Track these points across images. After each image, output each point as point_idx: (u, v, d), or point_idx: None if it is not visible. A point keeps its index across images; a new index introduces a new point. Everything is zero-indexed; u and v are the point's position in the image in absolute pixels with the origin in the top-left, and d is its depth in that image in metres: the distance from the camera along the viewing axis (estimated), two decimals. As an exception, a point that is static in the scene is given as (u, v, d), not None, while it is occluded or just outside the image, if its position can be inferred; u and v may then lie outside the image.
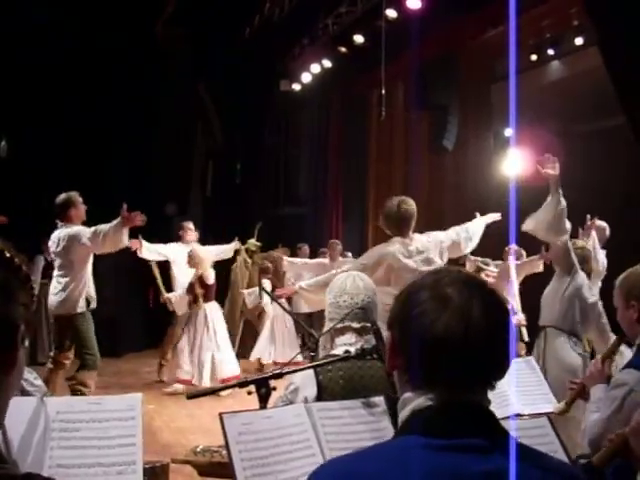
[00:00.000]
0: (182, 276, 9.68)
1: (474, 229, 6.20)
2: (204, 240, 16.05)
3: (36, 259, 11.43)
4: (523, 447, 1.31)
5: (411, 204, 5.70)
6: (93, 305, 6.96)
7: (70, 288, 6.76)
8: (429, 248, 5.58)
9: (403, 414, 1.35)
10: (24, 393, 2.93)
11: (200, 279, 8.99)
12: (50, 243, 7.02)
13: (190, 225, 10.41)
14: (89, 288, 6.97)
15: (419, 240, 5.62)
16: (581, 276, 5.37)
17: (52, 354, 7.01)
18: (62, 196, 7.11)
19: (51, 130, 12.05)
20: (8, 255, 1.07)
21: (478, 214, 6.48)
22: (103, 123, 12.59)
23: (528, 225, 5.38)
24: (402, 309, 1.40)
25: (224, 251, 10.44)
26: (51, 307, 6.90)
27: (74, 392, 6.38)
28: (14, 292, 1.06)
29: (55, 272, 7.01)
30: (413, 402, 1.33)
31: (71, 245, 6.76)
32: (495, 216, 6.38)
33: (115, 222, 6.69)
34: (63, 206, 7.03)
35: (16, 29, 11.31)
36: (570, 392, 3.31)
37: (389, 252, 5.44)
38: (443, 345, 1.29)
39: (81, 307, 6.78)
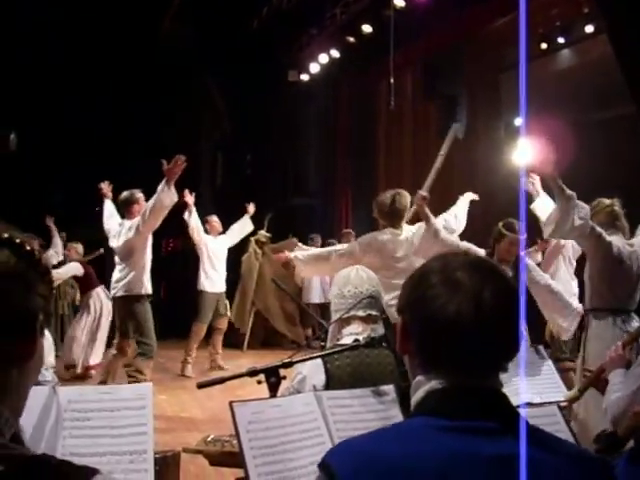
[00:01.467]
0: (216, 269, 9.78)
1: (458, 210, 6.83)
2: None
3: (47, 253, 11.50)
4: (536, 431, 1.31)
5: (405, 197, 5.94)
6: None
7: (133, 272, 7.12)
8: (416, 237, 5.80)
9: (416, 397, 1.37)
10: (36, 384, 2.97)
11: None
12: (111, 236, 7.44)
13: (214, 218, 10.38)
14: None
15: (409, 230, 5.80)
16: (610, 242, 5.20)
17: (116, 341, 7.47)
18: (126, 193, 7.56)
19: (60, 124, 12.08)
20: (28, 248, 1.09)
21: (460, 197, 6.76)
22: (111, 118, 12.62)
23: (554, 234, 5.35)
24: (412, 293, 1.40)
25: (240, 228, 10.47)
26: (116, 294, 7.21)
27: (130, 378, 6.73)
28: (33, 284, 1.08)
29: (117, 263, 7.32)
30: (426, 385, 1.34)
31: (132, 238, 7.10)
32: (473, 196, 7.08)
33: (159, 187, 7.02)
34: (127, 202, 7.45)
35: (25, 25, 11.33)
36: (584, 379, 3.27)
37: (380, 240, 5.90)
38: (454, 328, 1.30)
39: (145, 289, 7.21)
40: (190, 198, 9.43)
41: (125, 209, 7.48)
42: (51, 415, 2.03)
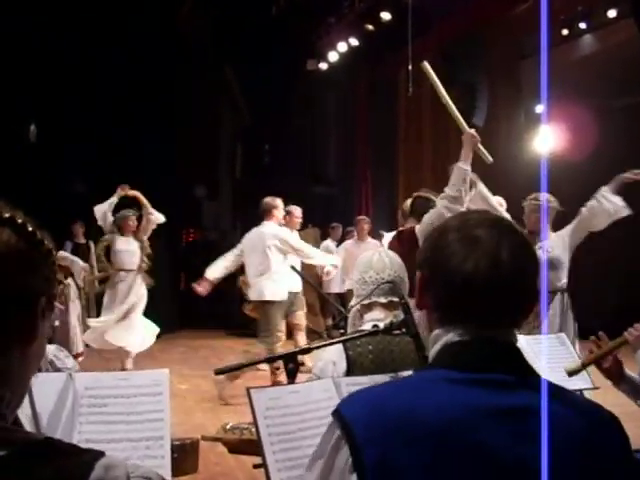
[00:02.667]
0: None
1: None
2: (233, 223, 16.17)
3: (65, 245, 11.57)
4: (552, 385, 1.32)
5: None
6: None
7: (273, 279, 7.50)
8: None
9: (433, 350, 1.38)
10: (56, 370, 2.98)
11: None
12: (256, 238, 7.82)
13: (298, 211, 9.24)
14: None
15: None
16: None
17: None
18: (268, 199, 7.96)
19: (80, 115, 12.12)
20: (30, 229, 1.07)
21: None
22: (131, 108, 12.64)
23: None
24: (431, 249, 1.42)
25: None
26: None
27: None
28: (35, 264, 1.06)
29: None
30: (443, 338, 1.35)
31: (280, 243, 7.54)
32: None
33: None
34: (268, 207, 7.83)
35: (43, 15, 11.36)
36: (590, 354, 3.07)
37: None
38: (471, 283, 1.31)
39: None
40: None
41: (266, 214, 7.81)
42: (67, 402, 2.02)
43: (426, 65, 5.74)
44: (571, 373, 3.06)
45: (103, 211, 8.79)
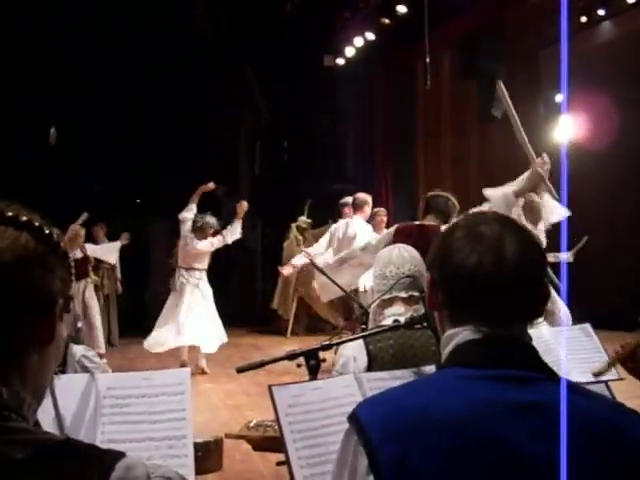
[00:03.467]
0: None
1: None
2: (253, 221, 16.20)
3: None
4: (568, 381, 1.31)
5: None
6: None
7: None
8: None
9: (447, 349, 1.38)
10: (86, 370, 3.01)
11: None
12: (345, 229, 8.16)
13: (384, 212, 9.77)
14: None
15: None
16: None
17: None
18: (362, 194, 8.58)
19: (100, 117, 12.20)
20: (47, 231, 1.10)
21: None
22: (151, 109, 12.71)
23: None
24: (438, 249, 1.43)
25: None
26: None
27: None
28: (52, 266, 1.09)
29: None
30: (455, 338, 1.36)
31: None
32: None
33: None
34: (362, 202, 8.45)
35: (65, 19, 11.44)
36: (616, 353, 3.00)
37: None
38: (475, 278, 1.32)
39: None
40: None
41: (357, 208, 8.46)
42: (90, 402, 2.03)
43: (501, 85, 5.73)
44: (598, 374, 3.00)
45: (190, 218, 9.06)
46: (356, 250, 6.01)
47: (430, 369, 2.31)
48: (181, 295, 8.88)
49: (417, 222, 5.69)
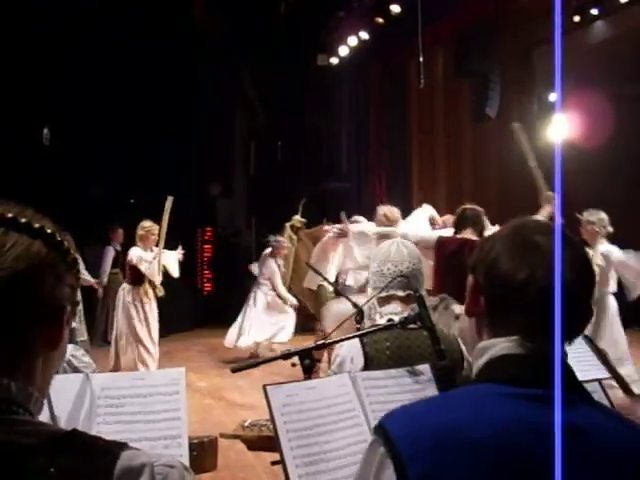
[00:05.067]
0: None
1: None
2: (248, 221, 16.20)
3: (106, 250, 11.59)
4: (600, 404, 1.29)
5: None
6: None
7: None
8: None
9: (480, 361, 1.32)
10: (75, 370, 3.00)
11: None
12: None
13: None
14: None
15: None
16: None
17: None
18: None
19: (94, 117, 12.17)
20: (59, 238, 1.11)
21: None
22: (145, 109, 12.68)
23: None
24: (488, 254, 1.36)
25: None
26: None
27: None
28: (62, 274, 1.11)
29: None
30: (491, 350, 1.30)
31: None
32: None
33: None
34: None
35: (57, 18, 11.40)
36: None
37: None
38: (526, 292, 1.26)
39: None
40: None
41: None
42: (85, 402, 2.03)
43: (516, 127, 5.82)
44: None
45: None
46: (396, 232, 6.03)
47: (424, 368, 2.31)
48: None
49: (458, 236, 5.65)
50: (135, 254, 8.30)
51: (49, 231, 1.10)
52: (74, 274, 1.15)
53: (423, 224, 7.08)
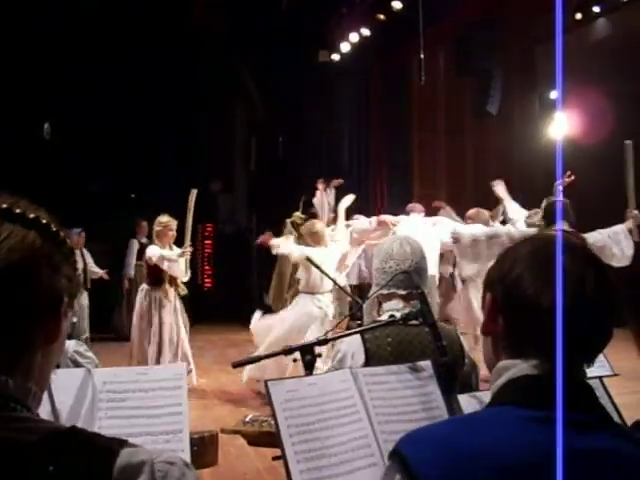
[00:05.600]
0: None
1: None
2: (249, 217, 16.19)
3: (130, 243, 11.68)
4: (620, 427, 1.26)
5: None
6: None
7: None
8: None
9: (498, 382, 1.29)
10: (77, 364, 3.00)
11: None
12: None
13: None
14: None
15: None
16: None
17: None
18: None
19: (94, 112, 12.17)
20: (54, 229, 1.10)
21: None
22: (145, 104, 12.67)
23: None
24: (508, 272, 1.31)
25: None
26: None
27: None
28: (58, 265, 1.09)
29: None
30: (510, 370, 1.27)
31: None
32: None
33: None
34: None
35: (57, 13, 11.40)
36: None
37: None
38: (549, 321, 1.19)
39: None
40: None
41: None
42: (86, 397, 2.03)
43: (628, 144, 5.88)
44: None
45: None
46: (503, 232, 6.04)
47: (426, 364, 2.31)
48: None
49: (555, 229, 5.65)
50: (154, 253, 7.68)
51: (44, 221, 1.08)
52: (71, 265, 1.12)
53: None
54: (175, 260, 7.70)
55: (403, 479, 1.15)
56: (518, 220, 7.17)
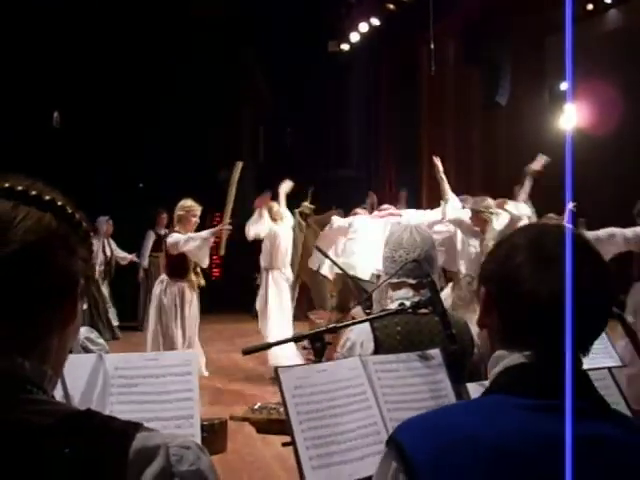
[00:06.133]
0: None
1: None
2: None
3: (147, 234, 11.74)
4: (617, 412, 1.26)
5: None
6: None
7: None
8: None
9: (495, 370, 1.30)
10: (87, 351, 3.01)
11: None
12: None
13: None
14: None
15: None
16: None
17: None
18: None
19: (102, 102, 12.19)
20: (70, 211, 1.10)
21: None
22: (154, 95, 12.69)
23: None
24: (502, 265, 1.31)
25: None
26: None
27: None
28: (74, 247, 1.09)
29: None
30: (505, 359, 1.28)
31: None
32: None
33: None
34: None
35: (69, 7, 11.41)
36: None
37: None
38: (547, 311, 1.22)
39: None
40: None
41: None
42: (98, 382, 2.04)
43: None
44: None
45: None
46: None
47: (435, 352, 2.32)
48: None
49: None
50: (179, 238, 7.19)
51: (60, 204, 1.09)
52: (86, 247, 1.13)
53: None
54: (206, 239, 7.26)
55: (399, 466, 1.16)
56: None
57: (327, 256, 4.52)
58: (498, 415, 1.19)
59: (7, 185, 1.06)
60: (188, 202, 7.52)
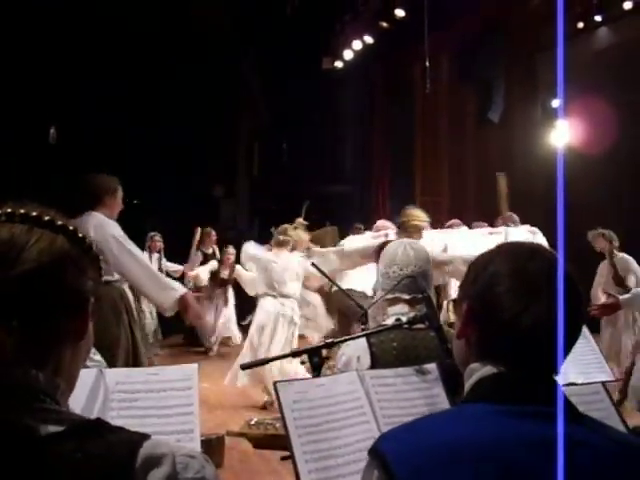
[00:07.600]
0: None
1: None
2: (250, 222, 16.22)
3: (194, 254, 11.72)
4: (590, 419, 1.29)
5: None
6: None
7: None
8: None
9: (470, 382, 1.33)
10: (85, 367, 3.03)
11: None
12: None
13: None
14: None
15: None
16: None
17: None
18: None
19: (98, 117, 12.20)
20: (80, 235, 1.19)
21: None
22: (148, 107, 12.71)
23: None
24: (485, 290, 1.34)
25: None
26: None
27: None
28: (85, 267, 1.17)
29: None
30: (480, 370, 1.31)
31: None
32: None
33: None
34: None
35: (65, 20, 11.44)
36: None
37: None
38: (525, 340, 1.27)
39: None
40: None
41: None
42: (99, 397, 2.06)
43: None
44: None
45: None
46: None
47: (431, 367, 2.34)
48: None
49: None
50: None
51: (71, 228, 1.17)
52: (96, 268, 1.21)
53: None
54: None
55: (380, 475, 1.18)
56: None
57: (323, 273, 4.53)
58: (479, 422, 1.21)
59: (22, 211, 1.14)
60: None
